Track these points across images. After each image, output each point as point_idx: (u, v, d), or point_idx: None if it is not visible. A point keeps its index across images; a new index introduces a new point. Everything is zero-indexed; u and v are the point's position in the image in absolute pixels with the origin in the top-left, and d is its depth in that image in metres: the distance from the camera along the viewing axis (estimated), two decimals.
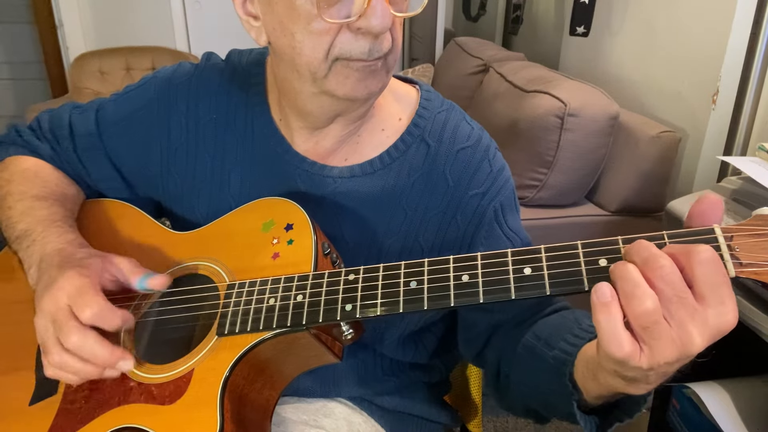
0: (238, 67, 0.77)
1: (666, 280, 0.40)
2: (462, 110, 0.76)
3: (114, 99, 0.82)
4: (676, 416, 1.27)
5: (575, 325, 0.59)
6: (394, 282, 0.55)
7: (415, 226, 0.71)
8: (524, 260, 0.50)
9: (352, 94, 0.61)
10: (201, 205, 0.76)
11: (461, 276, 0.52)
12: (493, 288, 0.51)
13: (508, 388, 0.67)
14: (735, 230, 0.43)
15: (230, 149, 0.75)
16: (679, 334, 0.40)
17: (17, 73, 4.01)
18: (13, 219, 0.72)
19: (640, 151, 1.61)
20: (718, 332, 0.40)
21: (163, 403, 0.59)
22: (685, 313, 0.40)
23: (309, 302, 0.57)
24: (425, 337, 0.80)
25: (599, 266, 0.47)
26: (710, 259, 0.40)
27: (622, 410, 0.53)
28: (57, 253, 0.65)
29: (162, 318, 0.67)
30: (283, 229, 0.64)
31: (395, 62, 0.64)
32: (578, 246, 0.48)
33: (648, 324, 0.40)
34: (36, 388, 0.66)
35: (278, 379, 0.65)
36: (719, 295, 0.40)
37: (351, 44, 0.58)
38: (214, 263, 0.67)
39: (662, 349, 0.41)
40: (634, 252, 0.43)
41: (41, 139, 0.83)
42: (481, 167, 0.71)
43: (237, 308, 0.61)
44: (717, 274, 0.40)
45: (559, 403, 0.55)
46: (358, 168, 0.71)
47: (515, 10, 2.89)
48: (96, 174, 0.82)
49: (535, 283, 0.49)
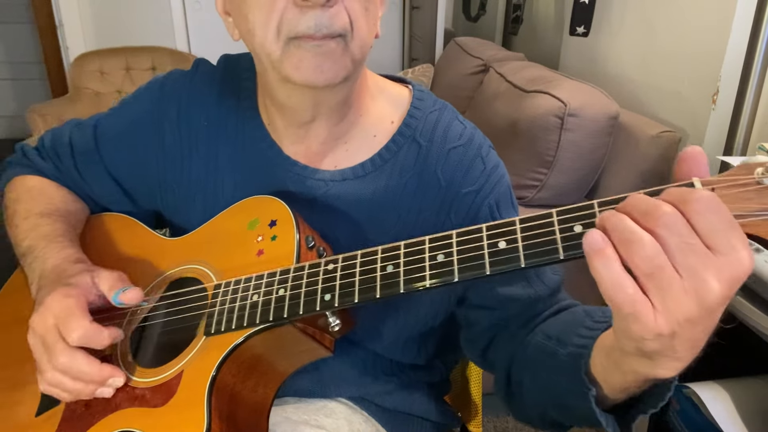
0: (229, 73, 0.77)
1: (671, 227, 0.37)
2: (455, 110, 0.75)
3: (110, 113, 0.83)
4: (676, 416, 1.27)
5: (587, 318, 0.58)
6: (371, 268, 0.54)
7: (409, 227, 0.71)
8: (499, 234, 0.48)
9: (308, 79, 0.59)
10: (197, 212, 0.76)
11: (437, 255, 0.51)
12: (468, 265, 0.49)
13: (522, 397, 0.65)
14: (716, 182, 0.40)
15: (222, 155, 0.75)
16: (693, 283, 0.37)
17: (17, 73, 4.01)
18: (20, 237, 0.74)
19: (640, 151, 1.61)
20: (735, 279, 0.37)
21: (156, 405, 0.60)
22: (696, 259, 0.36)
23: (290, 295, 0.57)
24: (426, 338, 0.80)
25: (574, 233, 0.44)
26: (708, 205, 0.36)
27: (646, 402, 0.49)
28: (54, 269, 0.66)
29: (156, 323, 0.68)
30: (267, 225, 0.65)
31: (361, 52, 0.61)
32: (553, 214, 0.46)
33: (652, 269, 0.37)
34: (41, 400, 0.68)
35: (272, 376, 0.65)
36: (727, 241, 0.36)
37: (297, 18, 0.57)
38: (203, 265, 0.68)
39: (677, 302, 0.37)
40: (630, 206, 0.40)
41: (45, 158, 0.84)
42: (473, 165, 0.70)
43: (223, 307, 0.61)
44: (720, 220, 0.36)
45: (578, 404, 0.51)
46: (350, 171, 0.71)
47: (515, 10, 2.89)
48: (98, 189, 0.83)
49: (509, 256, 0.47)
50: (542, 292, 0.69)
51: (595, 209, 0.44)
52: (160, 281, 0.71)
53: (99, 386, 0.61)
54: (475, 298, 0.72)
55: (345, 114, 0.69)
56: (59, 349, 0.59)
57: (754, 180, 0.40)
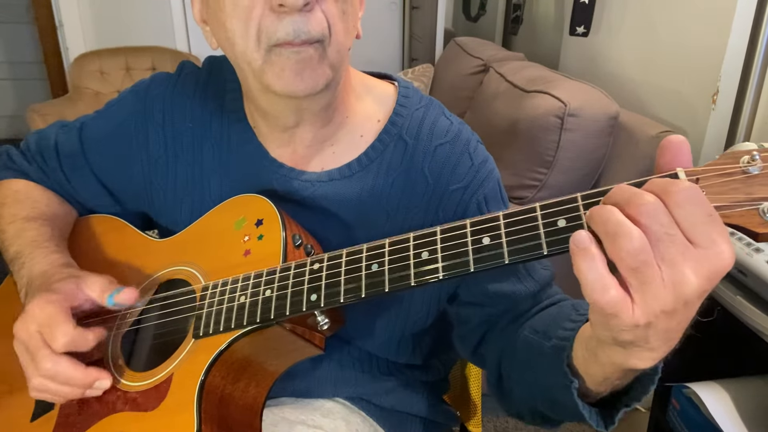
0: (214, 74, 0.76)
1: (652, 216, 0.36)
2: (441, 105, 0.75)
3: (95, 116, 0.82)
4: (676, 416, 1.27)
5: (573, 312, 0.58)
6: (356, 267, 0.54)
7: (398, 226, 0.70)
8: (483, 229, 0.48)
9: (289, 88, 0.59)
10: (184, 214, 0.76)
11: (421, 253, 0.51)
12: (452, 262, 0.49)
13: (512, 391, 0.65)
14: (700, 172, 0.40)
15: (208, 156, 0.75)
16: (672, 275, 0.36)
17: (17, 73, 4.01)
18: (6, 242, 0.74)
19: (640, 151, 1.61)
20: (714, 272, 0.36)
21: (147, 409, 0.60)
22: (676, 251, 0.36)
23: (276, 296, 0.57)
24: (421, 337, 0.79)
25: (558, 227, 0.43)
26: (689, 197, 0.36)
27: (629, 395, 0.49)
28: (41, 275, 0.66)
29: (146, 326, 0.68)
30: (253, 225, 0.64)
31: (339, 57, 0.61)
32: (537, 209, 0.45)
33: (637, 264, 0.36)
34: (35, 405, 0.68)
35: (263, 376, 0.64)
36: (707, 234, 0.36)
37: (275, 25, 0.56)
38: (191, 266, 0.68)
39: (655, 295, 0.37)
40: (615, 196, 0.39)
41: (30, 161, 0.83)
42: (461, 161, 0.70)
43: (211, 309, 0.61)
44: (701, 212, 0.36)
45: (563, 398, 0.51)
46: (336, 172, 0.70)
47: (515, 10, 2.89)
48: (84, 192, 0.83)
49: (493, 252, 0.46)
50: (532, 288, 0.69)
51: (579, 203, 0.43)
52: (149, 283, 0.71)
53: (86, 389, 0.61)
54: (466, 295, 0.71)
55: (330, 117, 0.69)
56: (43, 356, 0.59)
57: (739, 169, 0.39)
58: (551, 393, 0.55)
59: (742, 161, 0.39)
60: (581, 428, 1.74)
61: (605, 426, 0.51)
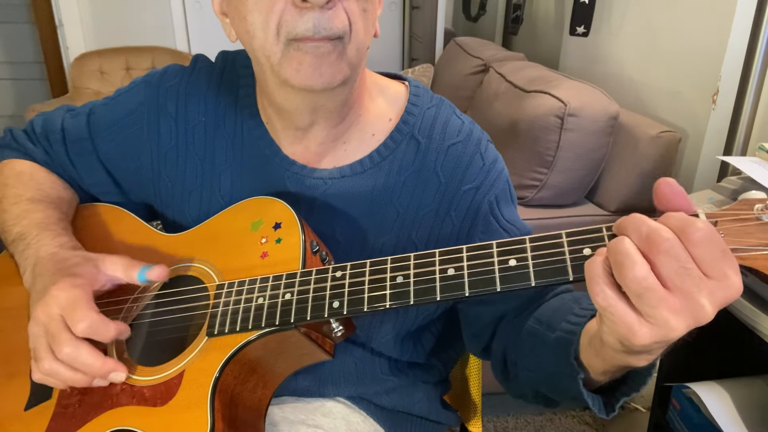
0: (228, 69, 0.76)
1: (671, 253, 0.40)
2: (452, 104, 0.75)
3: (105, 103, 0.81)
4: (676, 416, 1.27)
5: (575, 305, 0.60)
6: (380, 277, 0.55)
7: (408, 224, 0.71)
8: (509, 251, 0.50)
9: (306, 82, 0.59)
10: (192, 208, 0.76)
11: (447, 269, 0.52)
12: (479, 279, 0.50)
13: (517, 376, 0.67)
14: (720, 215, 0.44)
15: (220, 151, 0.75)
16: (688, 304, 0.40)
17: (17, 73, 4.00)
18: (9, 222, 0.73)
19: (640, 151, 1.61)
20: (725, 301, 0.40)
21: (155, 404, 0.60)
22: (692, 283, 0.40)
23: (297, 300, 0.57)
24: (423, 335, 0.80)
25: (583, 255, 0.46)
26: (706, 236, 0.40)
27: (628, 385, 0.53)
28: (50, 257, 0.65)
29: (153, 320, 0.67)
30: (271, 228, 0.64)
31: (358, 55, 0.61)
32: (562, 236, 0.48)
33: (641, 291, 0.40)
34: (31, 393, 0.66)
35: (270, 378, 0.65)
36: (721, 269, 0.40)
37: (296, 20, 0.56)
38: (204, 264, 0.67)
39: (665, 319, 0.40)
40: (631, 228, 0.42)
41: (35, 143, 0.83)
42: (473, 162, 0.70)
43: (226, 308, 0.61)
44: (715, 250, 0.40)
45: (567, 384, 0.55)
46: (348, 168, 0.71)
47: (515, 10, 2.89)
48: (88, 178, 0.82)
49: (520, 273, 0.49)
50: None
51: (603, 233, 0.46)
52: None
53: (98, 379, 0.60)
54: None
55: (344, 116, 0.69)
56: (64, 339, 0.58)
57: (753, 216, 0.43)
58: (555, 379, 0.58)
59: (756, 209, 0.43)
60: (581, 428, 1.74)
61: (606, 413, 0.54)
